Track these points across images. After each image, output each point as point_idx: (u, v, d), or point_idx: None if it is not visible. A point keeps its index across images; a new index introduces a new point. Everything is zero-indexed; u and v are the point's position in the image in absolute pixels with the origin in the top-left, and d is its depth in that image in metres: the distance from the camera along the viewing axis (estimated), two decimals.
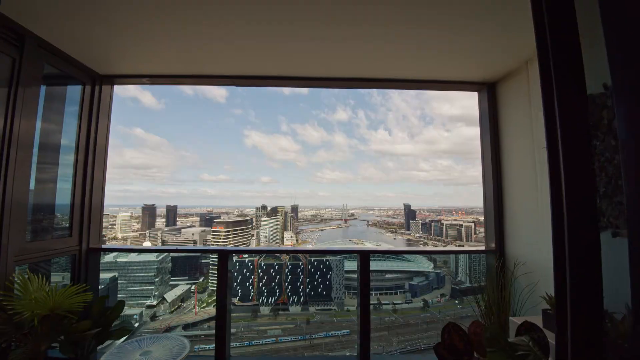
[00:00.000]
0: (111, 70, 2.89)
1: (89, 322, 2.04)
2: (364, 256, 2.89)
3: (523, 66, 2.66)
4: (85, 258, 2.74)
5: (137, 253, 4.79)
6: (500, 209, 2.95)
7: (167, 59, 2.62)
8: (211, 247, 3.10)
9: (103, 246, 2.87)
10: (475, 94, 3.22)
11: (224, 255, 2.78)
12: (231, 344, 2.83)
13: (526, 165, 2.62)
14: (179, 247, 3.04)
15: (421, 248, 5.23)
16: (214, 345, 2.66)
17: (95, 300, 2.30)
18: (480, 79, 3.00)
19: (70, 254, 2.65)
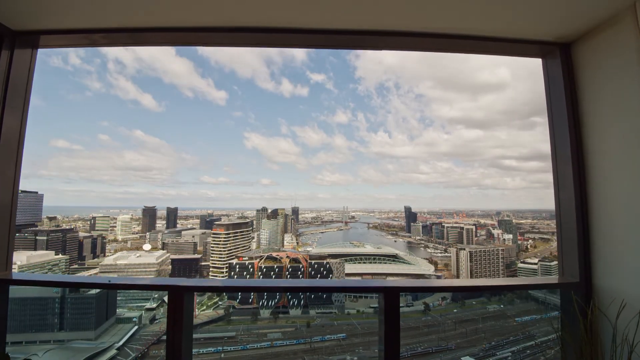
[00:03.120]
0: (31, 24, 2.01)
1: None
2: (391, 295, 1.92)
3: (627, 12, 1.85)
4: None
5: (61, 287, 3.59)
6: (585, 224, 2.11)
7: (118, 3, 1.87)
8: (161, 282, 2.34)
9: (14, 276, 2.03)
10: (539, 60, 2.37)
11: (176, 294, 1.96)
12: (227, 347, 2.76)
13: (636, 157, 1.86)
14: (113, 281, 2.31)
15: (469, 282, 3.11)
16: (213, 349, 2.62)
17: None
18: (551, 37, 2.17)
19: None
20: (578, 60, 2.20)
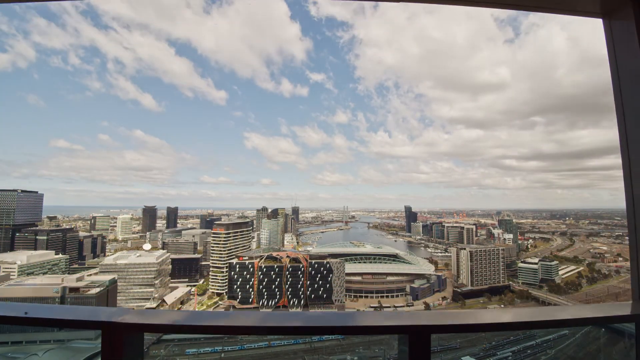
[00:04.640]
0: None
1: None
2: (419, 339, 1.46)
3: None
4: None
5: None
6: None
7: None
8: (94, 317, 1.77)
9: None
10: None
11: (113, 335, 1.47)
12: (226, 347, 2.68)
13: None
14: (31, 314, 1.84)
15: (518, 316, 2.06)
16: (211, 349, 2.60)
17: None
18: None
19: None
20: None
